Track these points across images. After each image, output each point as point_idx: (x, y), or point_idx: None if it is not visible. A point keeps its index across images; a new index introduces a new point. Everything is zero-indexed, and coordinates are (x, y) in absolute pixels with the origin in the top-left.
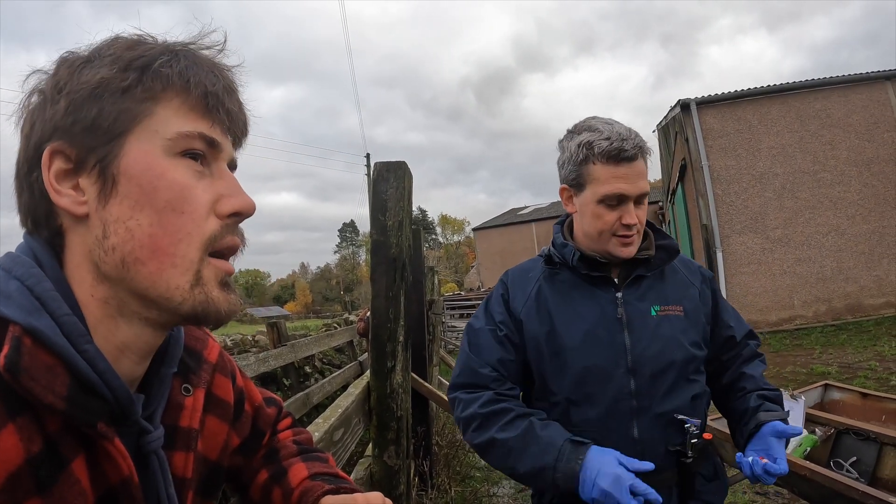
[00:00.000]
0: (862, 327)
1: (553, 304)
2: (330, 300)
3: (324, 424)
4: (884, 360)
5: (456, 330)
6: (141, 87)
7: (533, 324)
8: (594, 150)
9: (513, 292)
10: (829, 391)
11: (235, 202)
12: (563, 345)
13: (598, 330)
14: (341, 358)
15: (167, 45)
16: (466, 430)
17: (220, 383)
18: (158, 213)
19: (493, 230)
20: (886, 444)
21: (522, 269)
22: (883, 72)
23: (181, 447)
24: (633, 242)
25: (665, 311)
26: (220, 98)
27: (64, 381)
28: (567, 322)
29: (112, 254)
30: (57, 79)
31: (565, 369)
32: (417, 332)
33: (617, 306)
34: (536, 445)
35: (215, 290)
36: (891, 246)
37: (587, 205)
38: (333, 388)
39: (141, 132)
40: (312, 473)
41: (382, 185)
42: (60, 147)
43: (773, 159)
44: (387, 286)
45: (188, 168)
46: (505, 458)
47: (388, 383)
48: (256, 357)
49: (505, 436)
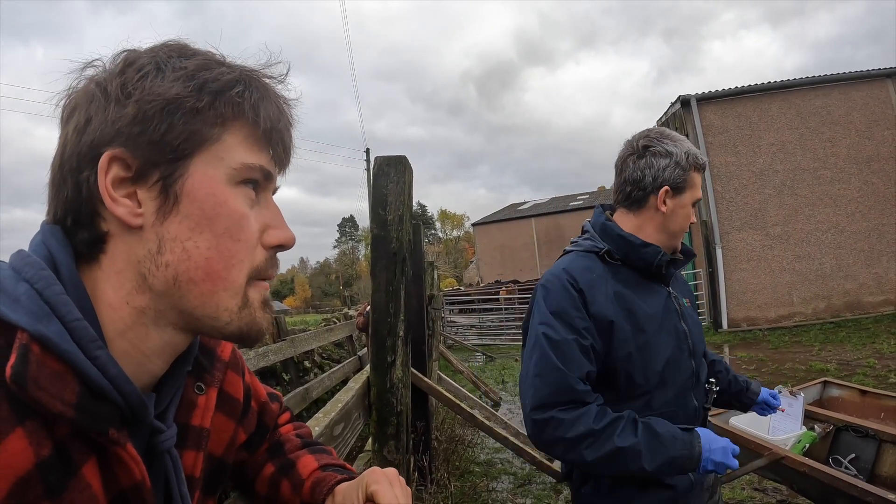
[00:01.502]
0: (861, 325)
1: (631, 302)
2: (329, 295)
3: (324, 419)
4: (882, 358)
5: (455, 325)
6: (213, 112)
7: (622, 323)
8: (697, 160)
9: (590, 295)
10: (827, 388)
11: (281, 235)
12: (647, 340)
13: (666, 322)
14: (340, 353)
15: (240, 70)
16: (575, 448)
17: (232, 380)
18: (217, 238)
19: (492, 225)
20: (885, 442)
21: (584, 269)
22: (884, 69)
23: (192, 446)
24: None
25: (687, 302)
26: (282, 133)
27: (73, 389)
28: (645, 317)
29: (164, 270)
30: (124, 79)
31: (649, 361)
32: (417, 328)
33: (673, 300)
34: (660, 443)
35: (259, 311)
36: (890, 244)
37: (684, 206)
38: (333, 382)
39: (207, 156)
40: (322, 465)
41: (383, 179)
42: (122, 155)
43: (774, 156)
44: (387, 281)
45: (246, 197)
46: (633, 461)
47: (388, 378)
48: (256, 352)
49: (628, 442)
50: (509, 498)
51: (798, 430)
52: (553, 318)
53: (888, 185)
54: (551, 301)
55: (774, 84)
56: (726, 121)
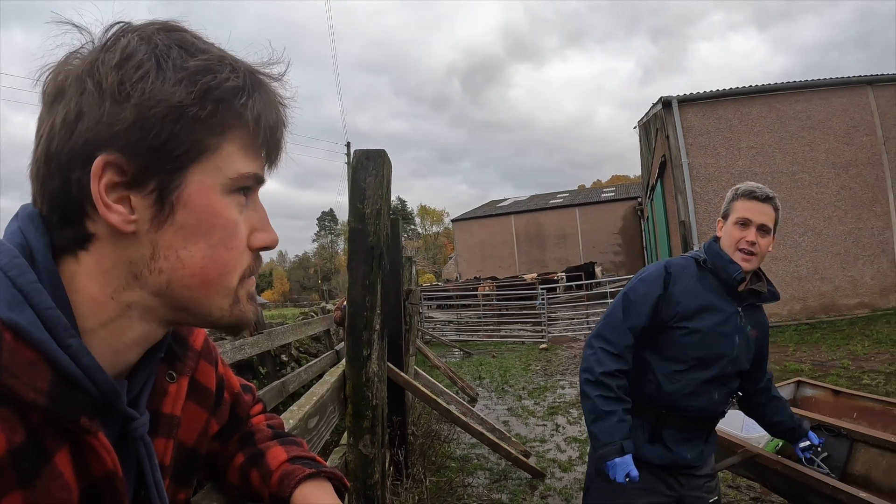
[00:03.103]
0: (836, 326)
1: (703, 297)
2: (308, 289)
3: (298, 412)
4: (856, 359)
5: (433, 321)
6: (216, 120)
7: (688, 303)
8: (738, 192)
9: (676, 277)
10: (801, 388)
11: (266, 238)
12: (703, 327)
13: (724, 326)
14: (318, 347)
15: (244, 74)
16: (586, 371)
17: (205, 370)
18: (212, 247)
19: (472, 221)
20: (858, 441)
21: (681, 264)
22: (864, 76)
23: (162, 434)
24: (752, 261)
25: (753, 332)
26: (277, 137)
27: (46, 377)
28: (709, 312)
29: (158, 275)
30: (122, 76)
31: (693, 344)
32: (394, 322)
33: (739, 316)
34: (609, 426)
35: (247, 304)
36: (866, 247)
37: (728, 227)
38: (310, 376)
39: (205, 166)
40: (291, 457)
41: (361, 172)
42: (118, 161)
43: (753, 159)
44: (364, 274)
45: (238, 204)
46: (590, 412)
47: (364, 372)
48: (232, 345)
49: (598, 404)
50: (485, 493)
51: None
52: (639, 283)
53: (865, 190)
54: (645, 275)
55: (755, 88)
56: (707, 123)
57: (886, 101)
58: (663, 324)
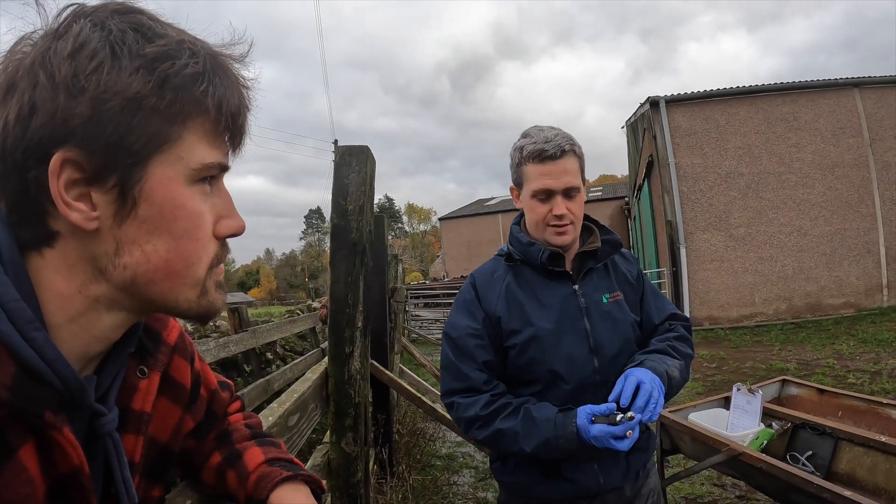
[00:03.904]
0: (821, 326)
1: (523, 298)
2: (294, 287)
3: (279, 409)
4: (842, 359)
5: (420, 319)
6: (175, 109)
7: (509, 320)
8: (524, 152)
9: (483, 293)
10: (786, 386)
11: (232, 225)
12: (537, 334)
13: (563, 318)
14: (304, 345)
15: (203, 58)
16: (470, 429)
17: (179, 366)
18: (175, 240)
19: (459, 220)
20: (842, 440)
21: (486, 271)
22: (852, 79)
23: (132, 430)
24: (567, 232)
25: (613, 298)
26: (241, 124)
27: (9, 371)
28: (538, 313)
29: (123, 271)
30: (75, 68)
31: (541, 355)
32: (379, 320)
33: (577, 297)
34: (535, 425)
35: (215, 294)
36: (852, 248)
37: (525, 200)
38: (295, 374)
39: (166, 157)
40: (269, 458)
41: (345, 169)
42: (76, 157)
43: (739, 159)
44: (346, 271)
45: (202, 194)
46: (513, 443)
47: (346, 369)
48: (217, 342)
49: (508, 425)
50: (470, 492)
51: (756, 426)
52: (455, 317)
53: (851, 190)
54: (457, 303)
55: (743, 89)
56: (694, 123)
57: (873, 103)
58: (502, 348)
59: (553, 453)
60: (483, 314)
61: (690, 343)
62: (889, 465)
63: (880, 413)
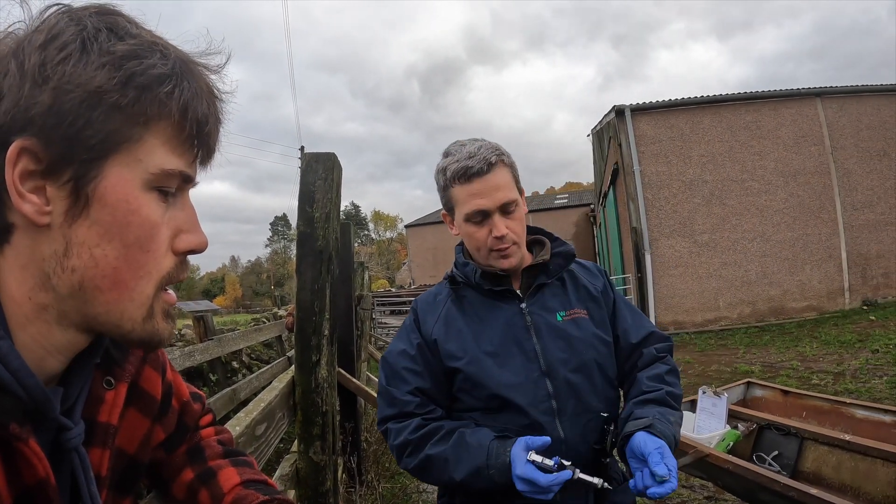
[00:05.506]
0: (784, 329)
1: (463, 322)
2: (260, 295)
3: (245, 418)
4: (805, 360)
5: (387, 327)
6: (137, 108)
7: (446, 343)
8: (448, 174)
9: (423, 317)
10: (751, 388)
11: (192, 240)
12: (478, 358)
13: (507, 340)
14: (270, 353)
15: (174, 61)
16: (401, 457)
17: (149, 376)
18: (126, 247)
19: (425, 227)
20: (807, 439)
21: (430, 295)
22: (814, 88)
23: (98, 443)
24: (511, 253)
25: (571, 316)
26: (209, 135)
27: None
28: (479, 336)
29: (70, 274)
30: (44, 57)
31: (483, 381)
32: (346, 328)
33: (524, 316)
34: (467, 451)
35: (162, 321)
36: (813, 253)
37: (461, 226)
38: (261, 383)
39: (125, 157)
40: (244, 480)
41: (311, 175)
42: (33, 147)
43: (703, 167)
44: (312, 279)
45: (158, 204)
46: (442, 471)
47: (313, 378)
48: (182, 351)
49: (438, 450)
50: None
51: (722, 428)
52: (394, 342)
53: (812, 197)
54: (402, 327)
55: (707, 98)
56: (659, 131)
57: (834, 112)
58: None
59: (484, 484)
60: (419, 339)
61: (678, 374)
62: (854, 462)
63: (844, 412)
